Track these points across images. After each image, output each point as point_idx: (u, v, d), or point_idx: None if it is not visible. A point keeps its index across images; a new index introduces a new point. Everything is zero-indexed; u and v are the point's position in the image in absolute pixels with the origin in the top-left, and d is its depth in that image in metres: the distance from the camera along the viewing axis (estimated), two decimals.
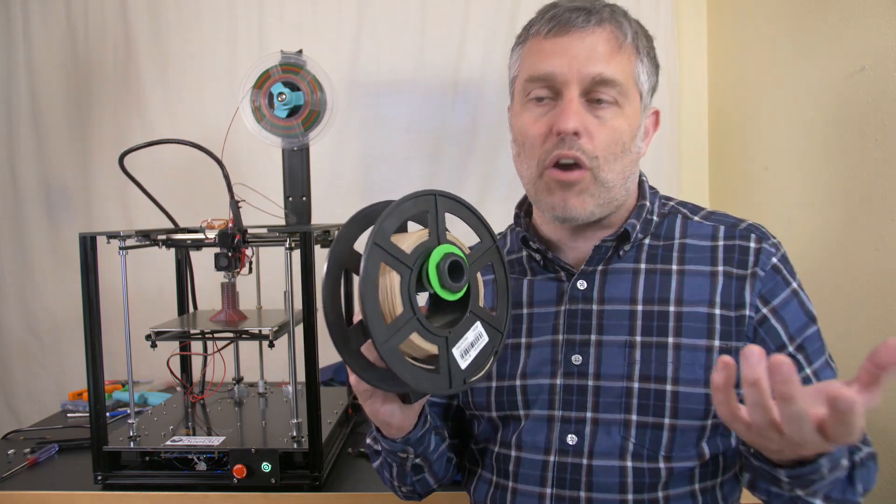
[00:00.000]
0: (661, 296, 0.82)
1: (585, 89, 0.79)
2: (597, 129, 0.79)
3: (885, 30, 1.15)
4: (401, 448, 0.83)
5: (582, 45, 0.78)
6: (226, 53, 1.95)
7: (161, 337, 1.26)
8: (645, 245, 0.87)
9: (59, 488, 1.24)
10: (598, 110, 0.80)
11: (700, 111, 1.97)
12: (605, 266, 0.86)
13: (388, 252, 0.62)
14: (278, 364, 1.64)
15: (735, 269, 0.82)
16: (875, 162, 1.18)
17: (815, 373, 0.81)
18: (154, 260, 1.78)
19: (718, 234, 0.85)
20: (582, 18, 0.78)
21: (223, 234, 1.24)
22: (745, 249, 0.83)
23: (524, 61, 0.84)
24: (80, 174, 2.00)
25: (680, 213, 0.90)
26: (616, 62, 0.79)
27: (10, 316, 2.02)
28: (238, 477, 1.19)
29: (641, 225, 0.86)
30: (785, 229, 1.51)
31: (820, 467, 0.63)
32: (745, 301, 0.80)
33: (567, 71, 0.78)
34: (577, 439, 0.82)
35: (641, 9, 1.90)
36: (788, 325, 0.81)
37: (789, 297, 0.82)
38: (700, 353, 0.79)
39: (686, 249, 0.85)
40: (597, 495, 0.80)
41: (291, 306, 1.27)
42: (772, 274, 0.81)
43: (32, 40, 1.98)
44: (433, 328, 0.65)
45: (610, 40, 0.79)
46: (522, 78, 0.83)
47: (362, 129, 1.97)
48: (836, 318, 1.31)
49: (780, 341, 0.81)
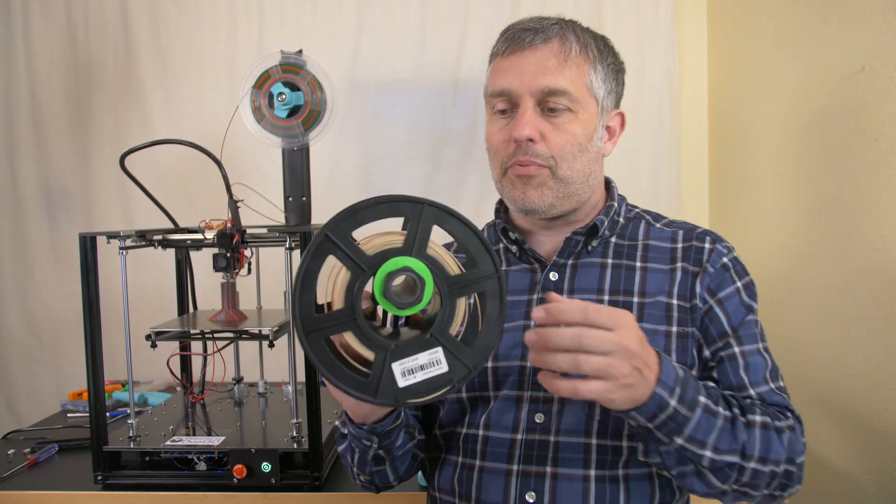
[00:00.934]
0: (626, 288, 0.91)
1: (539, 100, 0.88)
2: (552, 134, 0.88)
3: (885, 30, 1.15)
4: (365, 436, 0.87)
5: (531, 61, 0.87)
6: (226, 53, 1.95)
7: (161, 337, 1.26)
8: (612, 243, 0.95)
9: (59, 488, 1.24)
10: (553, 118, 0.88)
11: (700, 111, 1.97)
12: (576, 260, 0.94)
13: (338, 245, 0.61)
14: (278, 364, 1.64)
15: (690, 266, 0.91)
16: (875, 162, 1.18)
17: (743, 353, 0.88)
18: (154, 260, 1.79)
19: (678, 238, 0.95)
20: (530, 38, 0.88)
21: (222, 235, 1.24)
22: (700, 249, 0.92)
23: (489, 79, 0.94)
24: (80, 174, 2.00)
25: (644, 219, 0.99)
26: (564, 74, 0.87)
27: (10, 316, 2.02)
28: (238, 477, 1.19)
29: (609, 223, 0.95)
30: (785, 229, 1.51)
31: (661, 400, 0.70)
32: (696, 293, 0.89)
33: (519, 86, 0.88)
34: (544, 418, 0.87)
35: (641, 9, 1.90)
36: (731, 315, 0.89)
37: (734, 293, 0.90)
38: (660, 336, 0.87)
39: (649, 249, 0.94)
40: (562, 470, 0.85)
41: (291, 306, 1.27)
42: (721, 271, 0.90)
43: (32, 40, 1.97)
44: (374, 336, 0.63)
45: (556, 55, 0.88)
46: (488, 94, 0.94)
47: (362, 129, 1.97)
48: (836, 319, 1.31)
49: (721, 328, 0.88)
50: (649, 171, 1.93)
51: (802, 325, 1.43)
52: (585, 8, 1.89)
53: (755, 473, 0.77)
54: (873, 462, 1.20)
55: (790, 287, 1.49)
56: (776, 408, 0.86)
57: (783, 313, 1.52)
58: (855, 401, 1.25)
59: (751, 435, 0.77)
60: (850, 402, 1.27)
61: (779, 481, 0.79)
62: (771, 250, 1.58)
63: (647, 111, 1.92)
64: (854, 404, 1.25)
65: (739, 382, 0.86)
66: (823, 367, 1.35)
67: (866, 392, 1.21)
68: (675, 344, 0.87)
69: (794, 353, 1.46)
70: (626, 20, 1.90)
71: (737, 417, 0.77)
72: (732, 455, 0.75)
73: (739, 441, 0.76)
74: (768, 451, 0.77)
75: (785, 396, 0.88)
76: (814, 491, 1.35)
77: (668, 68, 1.90)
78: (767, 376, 0.88)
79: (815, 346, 1.38)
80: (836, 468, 1.31)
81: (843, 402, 1.29)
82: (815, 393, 1.38)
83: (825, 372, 1.35)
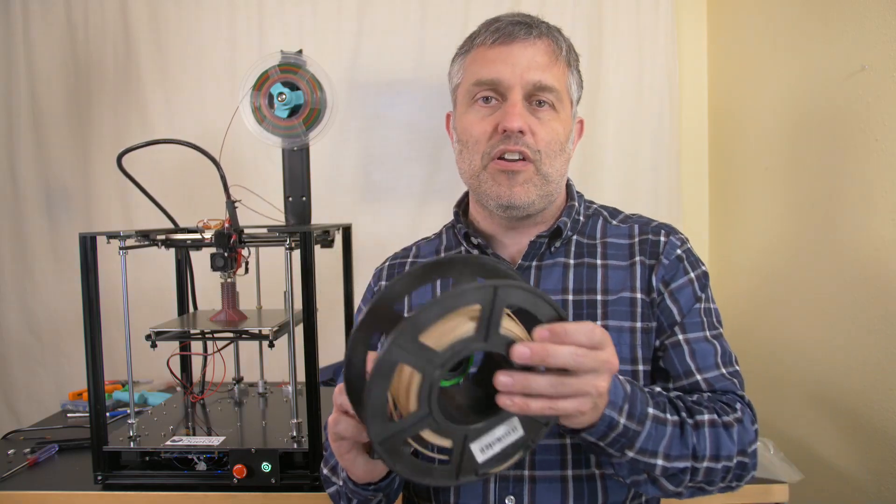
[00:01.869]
0: (589, 286, 0.91)
1: (527, 93, 0.87)
2: (538, 128, 0.88)
3: (885, 30, 1.15)
4: (371, 494, 0.83)
5: (524, 53, 0.87)
6: (226, 53, 1.95)
7: (161, 337, 1.26)
8: (573, 241, 0.95)
9: (59, 488, 1.24)
10: (539, 112, 0.88)
11: (700, 111, 1.97)
12: (539, 262, 0.93)
13: (409, 353, 0.56)
14: (278, 364, 1.64)
15: (647, 260, 0.92)
16: (875, 162, 1.18)
17: (688, 340, 0.88)
18: (154, 260, 1.79)
19: (634, 232, 0.95)
20: (524, 31, 0.88)
21: (220, 235, 1.24)
22: (655, 243, 0.93)
23: (468, 68, 0.92)
24: (80, 174, 2.00)
25: (601, 216, 0.99)
26: (553, 71, 0.88)
27: (10, 316, 2.02)
28: (238, 477, 1.19)
29: (571, 223, 0.94)
30: (785, 228, 1.51)
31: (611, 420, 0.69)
32: (653, 286, 0.90)
33: (510, 76, 0.86)
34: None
35: (641, 9, 1.90)
36: (682, 306, 0.90)
37: (686, 283, 0.91)
38: (625, 333, 0.88)
39: (608, 247, 0.94)
40: (539, 473, 0.85)
41: (291, 306, 1.27)
42: (675, 262, 0.91)
43: (32, 40, 1.98)
44: (450, 425, 0.59)
45: (548, 52, 0.88)
46: (468, 83, 0.91)
47: (362, 129, 1.97)
48: (835, 318, 1.31)
49: (671, 319, 0.89)
50: (649, 171, 1.93)
51: (802, 325, 1.43)
52: (585, 8, 1.89)
53: (709, 471, 0.78)
54: (873, 462, 1.20)
55: (790, 286, 1.49)
56: (723, 397, 0.85)
57: (783, 312, 1.52)
58: (855, 401, 1.25)
59: (700, 436, 0.77)
60: (850, 401, 1.27)
61: (733, 473, 0.80)
62: (770, 249, 1.58)
63: (647, 111, 1.92)
64: (854, 404, 1.25)
65: (685, 368, 0.87)
66: (823, 367, 1.35)
67: (866, 392, 1.21)
68: (639, 340, 0.88)
69: (794, 353, 1.46)
70: (626, 20, 1.90)
71: (685, 422, 0.78)
72: (684, 460, 0.76)
73: (689, 445, 0.76)
74: (719, 449, 0.78)
75: (735, 382, 0.88)
76: (814, 491, 1.35)
77: (668, 68, 1.90)
78: (718, 361, 0.88)
79: (815, 345, 1.38)
80: (836, 468, 1.31)
81: (843, 402, 1.29)
82: (815, 393, 1.38)
83: (825, 372, 1.35)
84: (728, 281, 1.85)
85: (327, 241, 1.46)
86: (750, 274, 1.71)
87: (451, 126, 0.98)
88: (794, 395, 1.46)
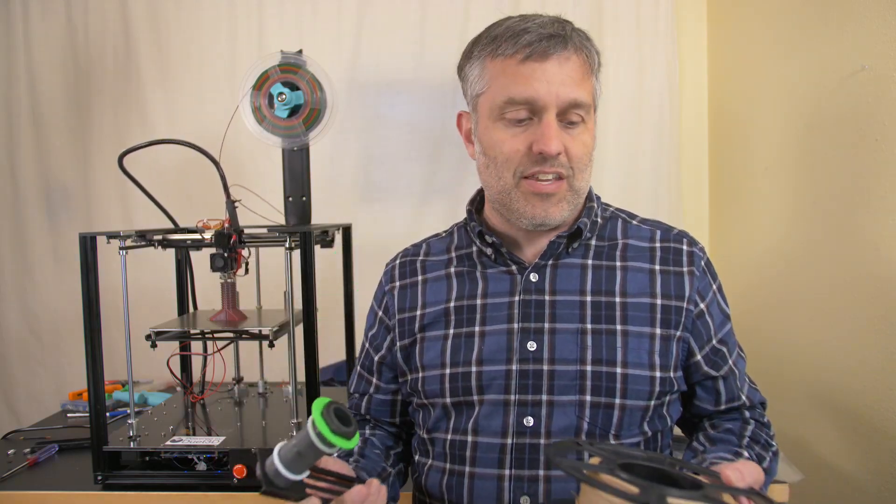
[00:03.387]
0: (608, 288, 0.91)
1: (561, 111, 0.85)
2: (571, 145, 0.86)
3: (885, 30, 1.15)
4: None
5: (560, 71, 0.84)
6: (226, 53, 1.95)
7: (161, 337, 1.26)
8: (592, 244, 0.95)
9: (59, 488, 1.24)
10: (571, 129, 0.87)
11: (700, 111, 1.97)
12: (556, 261, 0.93)
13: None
14: (278, 364, 1.64)
15: (671, 267, 0.92)
16: (875, 161, 1.18)
17: (735, 363, 0.96)
18: (154, 260, 1.78)
19: (655, 237, 0.95)
20: (560, 46, 0.84)
21: (219, 235, 1.24)
22: (679, 251, 0.94)
23: (496, 81, 0.87)
24: (80, 174, 2.00)
25: (620, 218, 0.99)
26: (585, 86, 0.87)
27: (10, 316, 2.02)
28: (238, 477, 1.19)
29: (590, 224, 0.95)
30: (785, 229, 1.51)
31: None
32: (684, 294, 0.91)
33: (546, 95, 0.84)
34: (533, 421, 0.87)
35: (641, 8, 1.90)
36: (715, 321, 0.93)
37: (714, 297, 0.94)
38: (644, 339, 0.89)
39: (628, 248, 0.94)
40: (554, 473, 0.86)
41: (291, 306, 1.27)
42: (703, 274, 0.93)
43: (32, 40, 1.98)
44: None
45: (583, 67, 0.87)
46: (499, 98, 0.86)
47: (362, 129, 1.97)
48: (835, 318, 1.31)
49: (708, 335, 0.92)
50: (649, 171, 1.93)
51: (802, 325, 1.43)
52: (585, 8, 1.89)
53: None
54: (873, 462, 1.20)
55: (790, 286, 1.49)
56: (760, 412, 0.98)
57: (783, 313, 1.52)
58: (855, 401, 1.25)
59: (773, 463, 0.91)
60: (850, 401, 1.27)
61: None
62: (771, 250, 1.58)
63: (647, 111, 1.92)
64: (854, 404, 1.25)
65: (736, 394, 0.96)
66: (823, 367, 1.35)
67: (866, 392, 1.21)
68: (658, 346, 0.88)
69: (794, 353, 1.46)
70: (626, 20, 1.90)
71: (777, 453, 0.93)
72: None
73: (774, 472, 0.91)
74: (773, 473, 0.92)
75: (757, 389, 0.99)
76: (814, 491, 1.35)
77: (668, 68, 1.90)
78: (745, 376, 0.98)
79: (815, 346, 1.38)
80: (836, 468, 1.31)
81: (843, 401, 1.29)
82: (815, 393, 1.38)
83: (825, 372, 1.35)
84: (728, 281, 1.84)
85: (327, 241, 1.46)
86: (750, 274, 1.71)
87: (472, 132, 0.94)
88: (794, 395, 1.46)
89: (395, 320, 0.98)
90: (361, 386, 1.06)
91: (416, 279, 0.99)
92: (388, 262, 1.05)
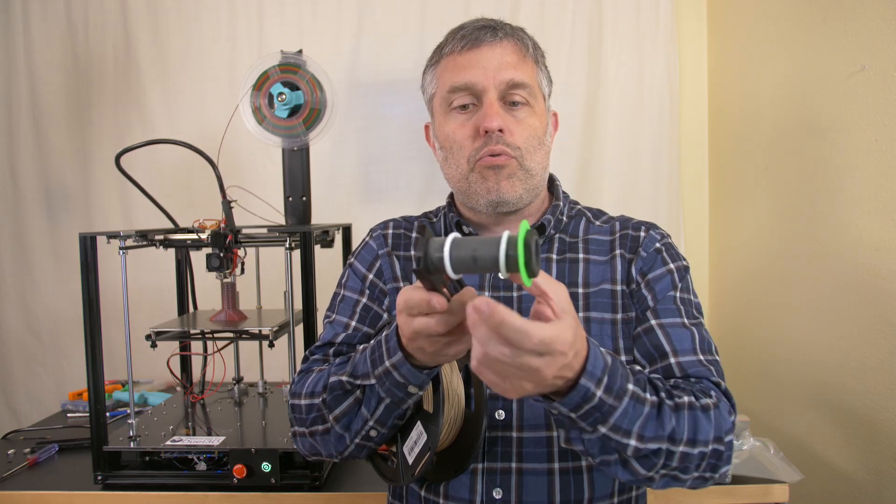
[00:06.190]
0: (571, 280, 0.94)
1: (501, 93, 0.91)
2: (515, 126, 0.91)
3: (885, 30, 1.15)
4: (424, 379, 0.77)
5: (492, 55, 0.91)
6: (226, 53, 1.95)
7: (161, 337, 1.26)
8: (556, 239, 0.98)
9: (59, 488, 1.24)
10: (514, 111, 0.92)
11: (700, 111, 1.97)
12: None
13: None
14: (278, 364, 1.64)
15: (627, 253, 0.95)
16: (875, 162, 1.18)
17: (661, 325, 0.89)
18: (154, 260, 1.79)
19: (615, 229, 0.99)
20: (490, 34, 0.92)
21: (216, 235, 1.24)
22: (635, 238, 0.96)
23: (441, 77, 0.95)
24: (80, 174, 2.00)
25: (585, 216, 1.02)
26: (523, 69, 0.92)
27: (10, 316, 2.02)
28: (238, 477, 1.19)
29: (555, 221, 0.98)
30: (785, 228, 1.51)
31: (586, 391, 0.66)
32: (632, 277, 0.93)
33: (484, 79, 0.90)
34: (504, 414, 0.89)
35: (641, 9, 1.90)
36: (657, 293, 0.91)
37: (664, 274, 0.93)
38: (607, 325, 0.91)
39: (590, 243, 0.98)
40: (526, 465, 0.87)
41: (291, 306, 1.27)
42: (653, 255, 0.94)
43: (32, 40, 1.97)
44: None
45: (515, 51, 0.92)
46: (443, 91, 0.94)
47: (362, 129, 1.97)
48: (836, 318, 1.31)
49: (645, 304, 0.91)
50: (649, 171, 1.93)
51: (802, 325, 1.43)
52: (585, 8, 1.89)
53: (684, 456, 0.75)
54: (873, 462, 1.20)
55: (790, 286, 1.49)
56: (698, 384, 0.83)
57: (783, 312, 1.53)
58: (855, 401, 1.25)
59: (679, 418, 0.75)
60: (850, 401, 1.27)
61: (708, 461, 0.77)
62: (770, 249, 1.58)
63: (647, 111, 1.92)
64: (854, 404, 1.25)
65: (660, 351, 0.86)
66: (823, 366, 1.35)
67: (866, 392, 1.21)
68: (620, 331, 0.90)
69: (794, 353, 1.46)
70: (626, 20, 1.90)
71: (664, 402, 0.75)
72: (658, 442, 0.73)
73: (666, 427, 0.73)
74: (696, 432, 0.75)
75: (712, 370, 0.86)
76: (814, 491, 1.35)
77: (668, 68, 1.90)
78: (696, 347, 0.87)
79: (815, 345, 1.38)
80: (836, 468, 1.31)
81: (843, 402, 1.29)
82: (815, 393, 1.38)
83: (825, 372, 1.35)
84: (728, 280, 1.85)
85: (327, 241, 1.46)
86: (750, 273, 1.71)
87: (432, 136, 1.02)
88: (793, 395, 1.46)
89: (391, 286, 0.98)
90: (329, 333, 0.97)
91: (409, 254, 1.00)
92: (374, 228, 1.06)
